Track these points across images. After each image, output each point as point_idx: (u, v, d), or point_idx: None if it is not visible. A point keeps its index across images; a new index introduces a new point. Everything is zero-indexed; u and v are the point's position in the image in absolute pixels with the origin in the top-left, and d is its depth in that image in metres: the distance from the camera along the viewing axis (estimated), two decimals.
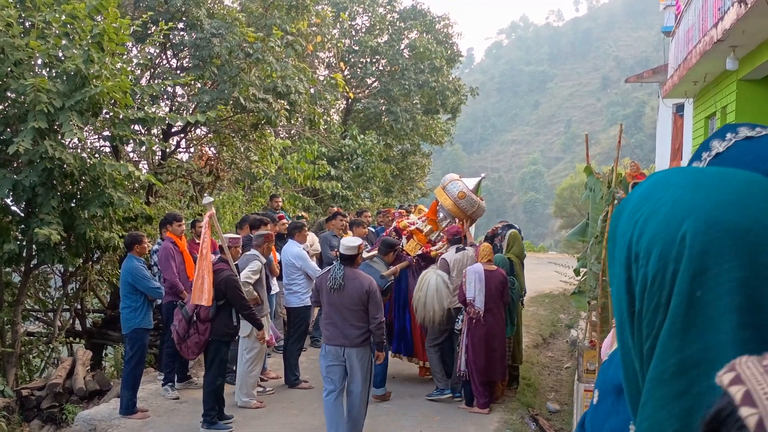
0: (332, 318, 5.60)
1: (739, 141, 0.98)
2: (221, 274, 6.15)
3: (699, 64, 9.33)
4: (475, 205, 7.75)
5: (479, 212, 7.94)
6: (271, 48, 10.46)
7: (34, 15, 7.64)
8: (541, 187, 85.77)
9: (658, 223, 0.77)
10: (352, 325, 5.54)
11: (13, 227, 7.93)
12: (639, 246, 0.78)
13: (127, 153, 10.45)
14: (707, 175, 0.80)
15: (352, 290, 5.52)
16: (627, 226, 0.82)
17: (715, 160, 0.99)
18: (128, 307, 6.62)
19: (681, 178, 0.81)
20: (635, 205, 0.82)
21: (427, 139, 22.05)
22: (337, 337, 5.57)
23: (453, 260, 7.13)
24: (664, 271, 0.75)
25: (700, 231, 0.73)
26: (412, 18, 21.59)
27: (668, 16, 17.01)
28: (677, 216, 0.76)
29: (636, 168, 6.97)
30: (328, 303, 5.60)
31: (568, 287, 12.29)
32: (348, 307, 5.53)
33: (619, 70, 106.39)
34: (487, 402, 6.80)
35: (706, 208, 0.75)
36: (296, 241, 7.74)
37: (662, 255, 0.75)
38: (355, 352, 5.58)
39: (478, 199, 7.88)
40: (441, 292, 6.89)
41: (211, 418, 6.16)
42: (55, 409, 7.59)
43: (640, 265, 0.78)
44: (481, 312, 6.60)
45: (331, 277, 5.57)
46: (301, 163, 13.43)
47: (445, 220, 7.96)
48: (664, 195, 0.79)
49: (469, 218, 7.82)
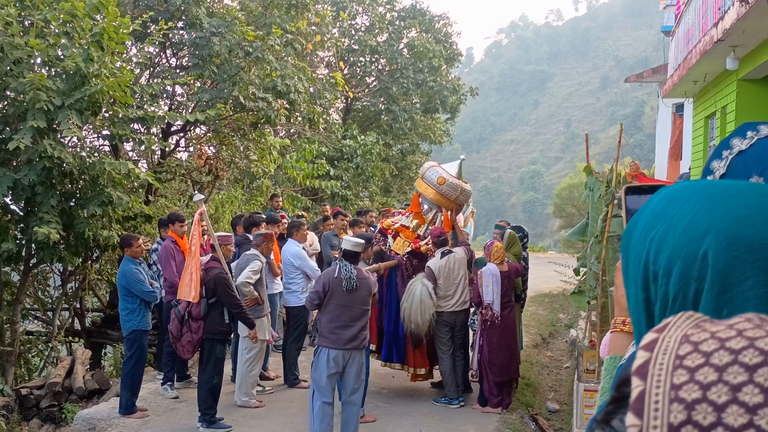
0: (343, 320, 5.36)
1: (762, 138, 0.98)
2: (212, 272, 6.15)
3: (699, 64, 9.33)
4: (458, 189, 7.30)
5: (464, 197, 7.51)
6: (271, 47, 10.45)
7: (34, 13, 7.63)
8: (540, 186, 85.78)
9: (676, 241, 0.75)
10: (362, 327, 5.44)
11: (13, 226, 7.93)
12: (657, 265, 0.77)
13: (127, 152, 10.44)
14: (720, 189, 0.79)
15: (363, 289, 5.42)
16: (641, 245, 0.80)
17: (737, 157, 0.98)
18: (125, 309, 6.61)
19: (694, 192, 0.79)
20: (648, 223, 0.81)
21: (426, 139, 22.04)
22: (349, 341, 5.35)
23: (438, 267, 6.83)
24: (686, 290, 0.74)
25: (722, 248, 0.72)
26: (411, 17, 21.58)
27: (668, 15, 17.01)
28: (696, 233, 0.74)
29: (636, 167, 6.98)
30: (340, 305, 5.36)
31: (567, 287, 12.29)
32: (360, 306, 5.41)
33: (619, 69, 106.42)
34: (500, 401, 6.78)
35: (725, 223, 0.73)
36: (295, 240, 7.73)
37: (683, 274, 0.74)
38: (359, 356, 5.47)
39: (461, 183, 7.44)
40: (425, 303, 6.67)
41: (210, 417, 6.15)
42: (55, 408, 7.59)
43: (660, 284, 0.76)
44: (498, 315, 6.59)
45: (345, 278, 5.35)
46: (300, 162, 13.42)
47: (431, 211, 7.63)
48: (678, 211, 0.77)
49: (454, 205, 7.43)
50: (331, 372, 5.38)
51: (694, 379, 0.53)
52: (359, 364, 5.48)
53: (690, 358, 0.54)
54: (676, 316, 0.60)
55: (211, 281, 6.11)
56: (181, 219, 7.44)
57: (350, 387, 5.49)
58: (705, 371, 0.53)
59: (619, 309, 1.24)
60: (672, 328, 0.58)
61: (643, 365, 0.55)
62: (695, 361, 0.54)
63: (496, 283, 6.57)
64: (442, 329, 6.94)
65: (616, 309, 1.25)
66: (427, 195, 7.37)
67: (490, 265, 6.67)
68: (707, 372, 0.53)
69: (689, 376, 0.53)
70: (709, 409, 0.51)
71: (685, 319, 0.59)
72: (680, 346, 0.56)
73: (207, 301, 6.12)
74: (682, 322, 0.58)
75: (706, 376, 0.52)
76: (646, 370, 0.54)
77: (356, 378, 5.48)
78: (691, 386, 0.52)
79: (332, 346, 5.36)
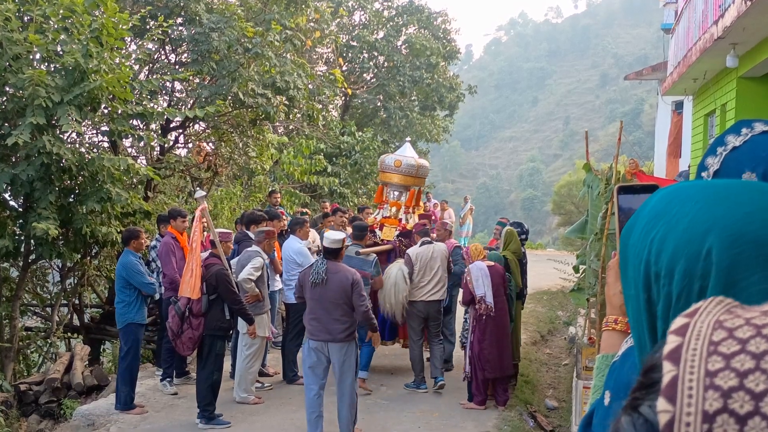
0: (315, 313, 5.57)
1: (756, 135, 0.98)
2: (212, 269, 6.15)
3: (699, 62, 9.32)
4: (415, 165, 8.23)
5: (424, 170, 8.42)
6: (270, 43, 10.43)
7: (33, 9, 7.61)
8: (539, 184, 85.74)
9: (678, 239, 0.75)
10: (335, 319, 5.52)
11: (11, 222, 7.92)
12: (659, 265, 0.76)
13: (126, 148, 10.43)
14: (722, 187, 0.79)
15: (335, 284, 5.50)
16: (641, 245, 0.80)
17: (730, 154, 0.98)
18: (122, 302, 6.61)
19: (695, 192, 0.79)
20: (647, 223, 0.80)
21: (423, 137, 22.02)
22: (320, 332, 5.55)
23: (415, 254, 7.22)
24: (689, 289, 0.73)
25: (725, 245, 0.72)
26: (409, 13, 21.54)
27: (668, 13, 17.01)
28: (698, 231, 0.74)
29: (635, 165, 6.98)
30: (311, 298, 5.57)
31: (566, 284, 12.29)
32: (331, 301, 5.50)
33: (618, 67, 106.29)
34: (484, 399, 6.81)
35: (728, 221, 0.73)
36: (297, 237, 7.72)
37: (686, 272, 0.73)
38: (338, 348, 5.55)
39: (416, 160, 8.35)
40: (398, 286, 7.04)
41: (209, 413, 6.16)
42: (54, 404, 7.59)
43: (662, 284, 0.76)
44: (492, 307, 6.61)
45: (313, 272, 5.54)
46: (298, 158, 13.40)
47: (402, 195, 8.39)
48: (679, 210, 0.77)
49: (418, 179, 8.30)
50: (312, 362, 5.62)
51: (730, 367, 0.52)
52: (339, 355, 5.57)
53: (725, 345, 0.53)
54: (706, 300, 0.59)
55: (212, 278, 6.11)
56: (183, 215, 7.44)
57: (336, 376, 5.66)
58: (742, 358, 0.52)
59: (611, 308, 1.24)
60: (703, 312, 0.57)
61: (675, 350, 0.54)
62: (731, 348, 0.53)
63: (485, 276, 6.61)
64: (415, 319, 7.26)
65: (608, 308, 1.25)
66: (392, 181, 8.32)
67: (477, 262, 6.74)
68: (744, 359, 0.52)
69: (725, 363, 0.52)
70: (747, 397, 0.50)
71: (716, 304, 0.58)
72: (714, 331, 0.55)
73: (208, 297, 6.12)
74: (713, 307, 0.57)
75: (743, 364, 0.52)
76: (679, 355, 0.54)
77: (339, 368, 5.60)
78: (727, 374, 0.52)
79: (310, 337, 5.65)
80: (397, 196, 8.40)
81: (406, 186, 8.30)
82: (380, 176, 8.54)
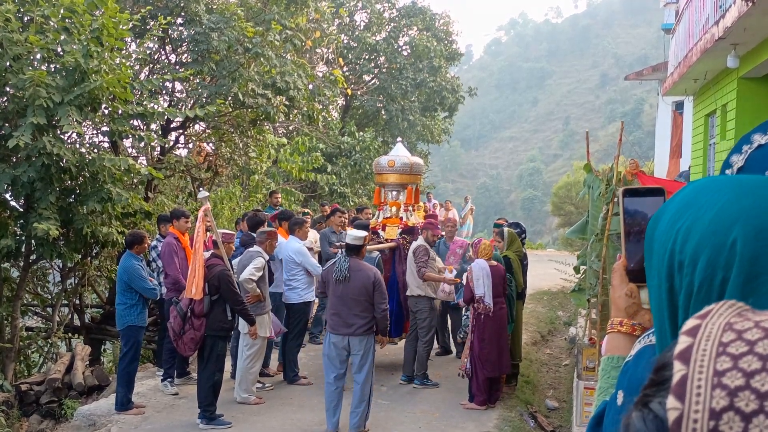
0: (336, 308, 5.81)
1: None
2: (214, 269, 6.14)
3: (699, 62, 9.32)
4: (409, 163, 8.45)
5: (418, 167, 8.63)
6: (270, 43, 10.43)
7: (33, 10, 7.62)
8: (539, 184, 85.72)
9: (704, 229, 0.76)
10: (356, 315, 5.75)
11: (12, 222, 7.92)
12: (683, 254, 0.77)
13: (126, 148, 10.43)
14: (749, 182, 0.80)
15: (357, 281, 5.72)
16: (667, 235, 0.81)
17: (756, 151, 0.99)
18: (123, 304, 6.61)
19: (723, 185, 0.80)
20: (675, 213, 0.81)
21: (423, 138, 22.02)
22: (341, 327, 5.80)
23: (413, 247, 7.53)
24: (711, 279, 0.74)
25: (750, 237, 0.73)
26: (411, 15, 21.52)
27: (668, 13, 17.01)
28: (725, 222, 0.75)
29: (635, 165, 6.97)
30: (333, 294, 5.81)
31: (566, 284, 12.29)
32: (353, 297, 5.73)
33: (618, 67, 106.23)
34: (485, 399, 6.81)
35: (755, 212, 0.74)
36: (297, 237, 7.72)
37: (710, 262, 0.74)
38: (358, 341, 5.79)
39: (409, 158, 8.56)
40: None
41: (210, 414, 6.16)
42: (54, 404, 7.59)
43: (685, 273, 0.77)
44: (491, 307, 6.62)
45: (336, 269, 5.77)
46: (294, 155, 13.38)
47: (400, 194, 8.56)
48: (708, 200, 0.78)
49: (414, 177, 8.54)
50: (331, 353, 5.85)
51: (737, 367, 0.54)
52: (358, 348, 5.82)
53: (734, 346, 0.55)
54: (718, 303, 0.61)
55: (214, 278, 6.11)
56: (186, 215, 7.44)
57: (354, 368, 5.91)
58: (749, 359, 0.54)
59: (616, 310, 1.24)
60: (715, 315, 0.59)
61: (685, 350, 0.56)
62: (739, 349, 0.55)
63: (486, 276, 6.62)
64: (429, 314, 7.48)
65: (613, 310, 1.25)
66: (389, 182, 8.49)
67: (479, 261, 6.73)
68: (751, 360, 0.54)
69: (733, 363, 0.54)
70: (752, 396, 0.52)
71: (727, 307, 0.60)
72: (723, 333, 0.57)
73: (210, 298, 6.12)
74: (724, 309, 0.60)
75: (750, 364, 0.54)
76: (689, 355, 0.56)
77: (359, 360, 5.85)
78: (734, 373, 0.54)
79: (330, 331, 5.89)
80: (395, 195, 8.56)
81: (402, 184, 8.48)
82: (376, 179, 8.75)
